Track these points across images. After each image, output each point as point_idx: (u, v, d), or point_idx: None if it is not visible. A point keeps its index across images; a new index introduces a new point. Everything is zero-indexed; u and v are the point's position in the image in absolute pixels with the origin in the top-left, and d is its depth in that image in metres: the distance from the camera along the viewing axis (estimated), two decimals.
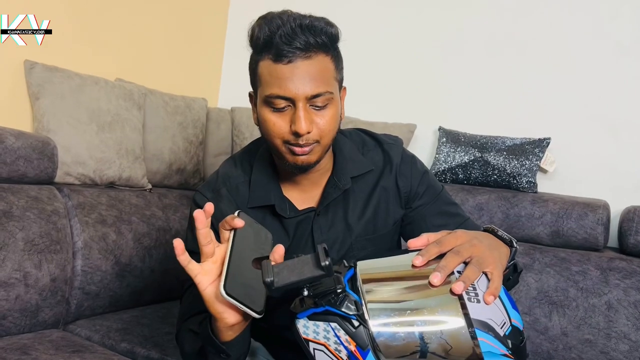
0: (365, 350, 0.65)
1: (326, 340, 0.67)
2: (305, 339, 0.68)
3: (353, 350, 0.66)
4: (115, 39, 1.84)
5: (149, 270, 1.62)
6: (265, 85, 0.88)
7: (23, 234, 1.31)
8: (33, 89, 1.53)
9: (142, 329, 1.42)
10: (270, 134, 0.90)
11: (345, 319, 0.66)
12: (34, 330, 1.33)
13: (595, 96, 1.72)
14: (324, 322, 0.67)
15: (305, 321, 0.68)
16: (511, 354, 0.68)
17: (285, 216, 0.97)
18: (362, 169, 1.00)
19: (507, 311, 0.71)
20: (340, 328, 0.66)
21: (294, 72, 0.85)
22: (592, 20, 1.73)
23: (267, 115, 0.89)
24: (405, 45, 1.99)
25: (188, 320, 0.92)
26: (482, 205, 1.62)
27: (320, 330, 0.67)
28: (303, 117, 0.86)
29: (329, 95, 0.88)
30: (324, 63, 0.88)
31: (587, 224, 1.51)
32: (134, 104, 1.71)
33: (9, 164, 1.35)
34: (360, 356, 0.65)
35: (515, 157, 1.68)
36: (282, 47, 0.84)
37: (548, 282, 1.48)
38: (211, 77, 2.31)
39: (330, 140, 0.92)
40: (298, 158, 0.89)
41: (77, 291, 1.44)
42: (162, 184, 1.85)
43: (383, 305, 0.68)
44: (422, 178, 1.04)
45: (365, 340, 0.66)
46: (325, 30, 0.87)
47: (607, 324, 1.40)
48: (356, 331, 0.66)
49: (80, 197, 1.51)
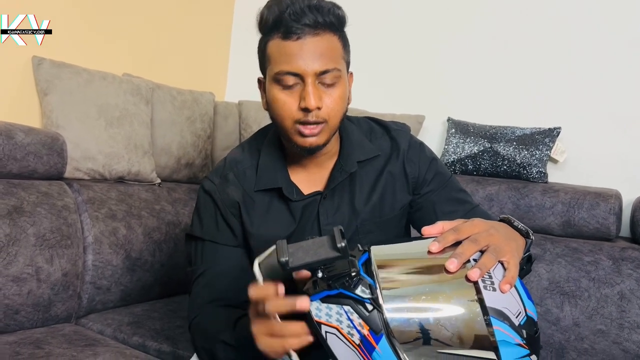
0: (378, 334, 0.64)
1: (339, 323, 0.65)
2: (318, 322, 0.66)
3: (366, 335, 0.64)
4: (122, 34, 1.84)
5: (159, 264, 1.62)
6: (274, 63, 0.89)
7: (34, 230, 1.32)
8: (41, 85, 1.54)
9: (154, 323, 1.42)
10: (280, 114, 0.90)
11: (358, 303, 0.65)
12: (46, 324, 1.34)
13: (606, 85, 1.70)
14: (337, 305, 0.66)
15: (318, 304, 0.67)
16: (525, 344, 0.68)
17: (292, 199, 0.97)
18: (369, 154, 1.01)
19: (523, 301, 0.71)
20: (353, 311, 0.65)
21: (303, 48, 0.86)
22: (603, 8, 1.70)
23: (276, 94, 0.90)
24: (413, 36, 1.98)
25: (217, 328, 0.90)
26: (492, 196, 1.61)
27: (333, 313, 0.66)
28: (312, 92, 0.86)
29: (337, 73, 0.89)
30: (332, 42, 0.89)
31: (599, 213, 1.50)
32: (142, 99, 1.72)
33: (19, 159, 1.36)
34: (373, 341, 0.64)
35: (525, 147, 1.66)
36: (291, 24, 0.86)
37: (560, 272, 1.47)
38: (218, 71, 2.31)
39: (338, 122, 0.93)
40: (307, 140, 0.90)
41: (89, 285, 1.45)
42: (170, 179, 1.86)
43: (397, 291, 0.67)
44: (431, 164, 1.03)
45: (379, 325, 0.64)
46: (333, 11, 0.89)
47: (619, 314, 1.39)
48: (370, 315, 0.65)
49: (90, 192, 1.52)
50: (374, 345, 0.64)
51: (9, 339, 1.21)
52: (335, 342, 0.65)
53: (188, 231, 1.04)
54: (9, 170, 1.35)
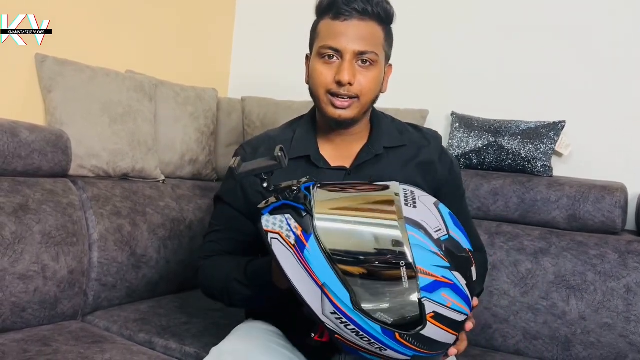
0: (308, 234, 0.77)
1: (280, 229, 0.79)
2: (266, 231, 0.79)
3: (299, 235, 0.77)
4: (125, 31, 1.83)
5: (164, 261, 1.62)
6: (321, 39, 1.00)
7: (40, 227, 1.32)
8: (45, 83, 1.54)
9: (160, 319, 1.43)
10: (317, 82, 1.00)
11: (296, 210, 0.79)
12: (53, 321, 1.35)
13: (610, 78, 1.69)
14: (281, 214, 0.79)
15: (267, 216, 0.80)
16: (444, 256, 0.77)
17: (319, 166, 1.04)
18: (396, 142, 1.08)
19: (446, 224, 0.81)
20: (291, 217, 0.79)
21: (348, 29, 0.97)
22: (607, 1, 1.69)
23: (317, 65, 1.00)
24: (416, 30, 1.97)
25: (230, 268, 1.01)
26: (497, 190, 1.61)
27: (277, 221, 0.79)
28: (347, 68, 0.96)
29: (375, 57, 0.99)
30: (375, 30, 1.00)
31: (605, 207, 1.49)
32: (145, 96, 1.71)
33: (24, 157, 1.36)
34: (304, 239, 0.77)
35: (529, 141, 1.66)
36: (341, 7, 0.97)
37: (565, 266, 1.46)
38: (221, 67, 2.30)
39: (369, 100, 1.02)
40: (337, 111, 0.99)
41: (94, 283, 1.45)
42: (175, 175, 1.86)
43: (329, 203, 0.80)
44: (456, 178, 1.13)
45: (309, 226, 0.77)
46: (383, 5, 1.00)
47: (626, 307, 1.39)
48: (303, 219, 0.78)
49: (95, 190, 1.52)
50: (304, 243, 0.77)
51: (17, 336, 1.21)
52: (277, 246, 0.78)
53: (217, 193, 1.13)
54: (14, 168, 1.35)
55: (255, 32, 2.26)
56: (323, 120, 1.05)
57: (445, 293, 0.76)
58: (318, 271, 0.76)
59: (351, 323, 0.76)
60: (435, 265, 0.76)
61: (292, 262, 0.78)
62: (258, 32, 2.25)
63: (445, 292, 0.76)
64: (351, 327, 0.77)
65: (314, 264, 0.76)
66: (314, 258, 0.76)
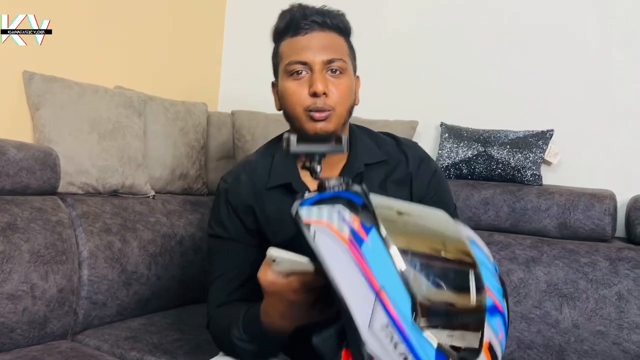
0: (369, 226, 0.63)
1: (329, 219, 0.64)
2: (307, 223, 0.65)
3: (356, 228, 0.63)
4: (114, 47, 1.83)
5: (155, 277, 1.61)
6: (286, 58, 0.98)
7: (28, 246, 1.31)
8: (33, 100, 1.53)
9: (151, 337, 1.41)
10: (291, 102, 0.97)
11: (350, 202, 0.66)
12: (42, 342, 1.33)
13: (596, 87, 1.71)
14: (330, 205, 0.66)
15: (309, 208, 0.67)
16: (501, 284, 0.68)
17: None
18: (376, 157, 1.05)
19: None
20: (345, 209, 0.65)
21: (311, 41, 0.96)
22: (594, 11, 1.71)
23: (287, 84, 0.98)
24: (405, 42, 1.98)
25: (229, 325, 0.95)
26: (488, 199, 1.61)
27: (324, 212, 0.65)
28: (319, 78, 0.94)
29: (343, 64, 0.97)
30: (338, 40, 0.99)
31: (595, 214, 1.50)
32: (135, 111, 1.71)
33: (11, 175, 1.35)
34: (364, 232, 0.63)
35: (519, 150, 1.67)
36: (299, 22, 0.96)
37: (557, 274, 1.47)
38: (210, 82, 2.30)
39: (345, 111, 0.99)
40: (317, 124, 0.96)
41: (85, 301, 1.43)
42: (165, 190, 1.85)
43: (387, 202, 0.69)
44: (437, 188, 1.06)
45: (369, 219, 0.64)
46: (340, 17, 1.00)
47: (618, 314, 1.39)
48: (361, 211, 0.65)
49: (84, 207, 1.51)
50: (363, 237, 0.62)
51: (5, 357, 1.19)
52: (324, 240, 0.63)
53: (207, 231, 1.09)
54: (1, 187, 1.33)
55: (245, 45, 2.27)
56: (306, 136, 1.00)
57: (499, 322, 0.65)
58: (377, 272, 0.61)
59: (404, 342, 0.59)
60: (495, 287, 0.65)
61: (343, 260, 0.62)
62: (247, 45, 2.26)
63: (500, 321, 0.65)
64: (402, 348, 0.59)
65: (373, 262, 0.61)
66: (374, 255, 0.61)
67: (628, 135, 1.66)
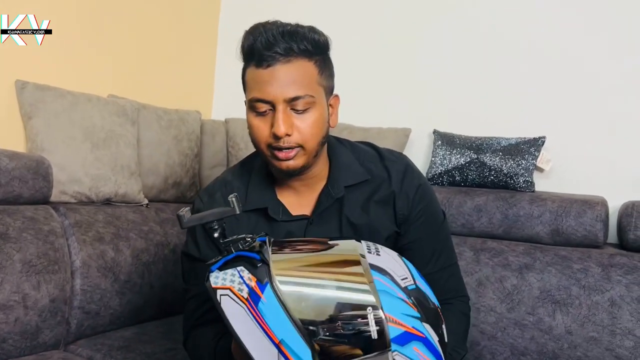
0: (264, 283, 0.68)
1: (231, 283, 0.69)
2: (214, 288, 0.69)
3: (253, 286, 0.68)
4: (107, 55, 1.83)
5: (148, 286, 1.60)
6: (249, 91, 0.92)
7: (20, 256, 1.30)
8: (25, 109, 1.53)
9: (144, 346, 1.40)
10: (255, 138, 0.93)
11: (249, 261, 0.71)
12: (34, 352, 1.32)
13: (588, 93, 1.72)
14: (232, 267, 0.71)
15: (217, 273, 0.71)
16: (415, 305, 0.70)
17: (278, 219, 0.98)
18: (357, 178, 1.00)
19: (412, 274, 0.75)
20: (244, 269, 0.70)
21: (274, 75, 0.88)
22: (585, 18, 1.73)
23: (251, 120, 0.93)
24: (396, 50, 2.00)
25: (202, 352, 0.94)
26: (481, 206, 1.62)
27: (228, 276, 0.70)
28: (281, 119, 0.88)
29: (310, 99, 0.90)
30: (305, 68, 0.90)
31: (586, 221, 1.51)
32: (128, 120, 1.71)
33: (3, 185, 1.34)
34: (259, 290, 0.68)
35: (511, 157, 1.68)
36: (262, 52, 0.88)
37: (550, 281, 1.47)
38: (204, 90, 2.31)
39: (316, 145, 0.93)
40: (282, 163, 0.92)
41: (77, 311, 1.42)
42: (158, 199, 1.84)
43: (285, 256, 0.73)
44: (425, 208, 1.02)
45: (264, 275, 0.69)
46: (309, 37, 0.90)
47: (611, 320, 1.39)
48: (258, 268, 0.70)
49: (77, 216, 1.50)
50: (259, 295, 0.68)
51: None
52: (228, 303, 0.68)
53: (182, 249, 1.06)
54: None
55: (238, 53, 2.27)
56: (272, 170, 0.97)
57: (417, 347, 0.68)
58: (274, 326, 0.66)
59: None
60: (405, 314, 0.68)
61: (244, 319, 0.67)
62: (240, 53, 2.26)
63: (418, 347, 0.68)
64: None
65: (269, 317, 0.66)
66: (270, 311, 0.67)
67: (619, 141, 1.68)
